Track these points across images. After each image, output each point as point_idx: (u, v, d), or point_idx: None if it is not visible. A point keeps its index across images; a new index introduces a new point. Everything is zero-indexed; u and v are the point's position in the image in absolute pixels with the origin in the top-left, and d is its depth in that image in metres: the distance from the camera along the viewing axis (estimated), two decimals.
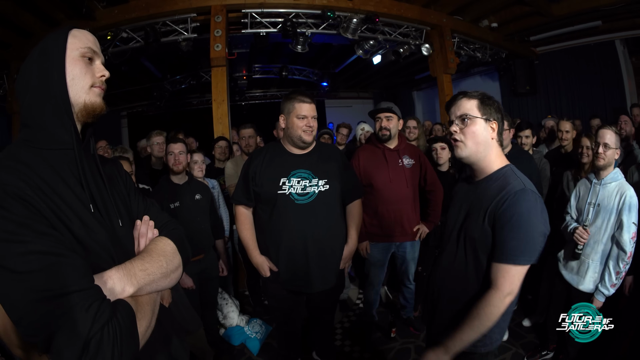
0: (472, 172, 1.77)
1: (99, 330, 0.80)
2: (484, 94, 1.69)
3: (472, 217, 1.63)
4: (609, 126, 2.69)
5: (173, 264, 1.12)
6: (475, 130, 1.62)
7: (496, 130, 1.65)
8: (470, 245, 1.61)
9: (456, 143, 1.67)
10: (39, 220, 0.87)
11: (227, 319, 3.73)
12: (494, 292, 1.48)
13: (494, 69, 8.85)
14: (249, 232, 2.58)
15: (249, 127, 4.15)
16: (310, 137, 2.43)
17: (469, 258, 1.63)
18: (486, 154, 1.65)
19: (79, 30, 1.08)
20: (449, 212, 1.87)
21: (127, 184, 1.25)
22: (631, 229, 2.47)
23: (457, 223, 1.74)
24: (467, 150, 1.64)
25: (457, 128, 1.66)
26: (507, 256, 1.47)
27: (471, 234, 1.60)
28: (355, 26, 5.75)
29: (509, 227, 1.46)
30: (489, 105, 1.64)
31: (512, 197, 1.48)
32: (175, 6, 5.20)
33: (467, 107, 1.64)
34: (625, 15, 6.56)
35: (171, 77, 9.51)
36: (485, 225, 1.54)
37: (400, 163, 3.25)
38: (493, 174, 1.65)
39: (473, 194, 1.69)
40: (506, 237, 1.47)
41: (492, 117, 1.64)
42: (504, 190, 1.53)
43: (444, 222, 1.98)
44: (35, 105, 1.00)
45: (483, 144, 1.63)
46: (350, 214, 2.71)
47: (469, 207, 1.68)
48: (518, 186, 1.51)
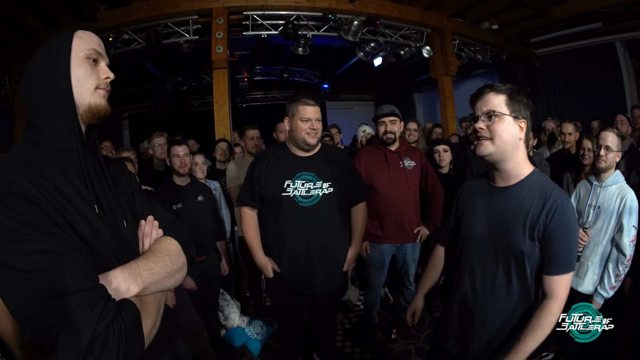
0: (494, 177, 1.64)
1: (104, 329, 0.80)
2: (513, 88, 1.56)
3: (512, 230, 1.52)
4: (611, 128, 2.69)
5: (178, 264, 1.12)
6: (504, 129, 1.50)
7: (524, 130, 1.54)
8: (516, 260, 1.52)
9: (481, 141, 1.54)
10: (45, 220, 0.87)
11: (228, 320, 3.73)
12: (554, 302, 1.47)
13: (495, 71, 8.83)
14: (254, 233, 2.59)
15: (255, 128, 4.15)
16: (314, 140, 2.44)
17: (514, 273, 1.54)
18: (513, 155, 1.54)
19: (84, 31, 1.08)
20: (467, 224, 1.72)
21: (131, 184, 1.25)
22: (631, 232, 2.48)
23: (483, 233, 1.62)
24: (493, 148, 1.51)
25: (484, 125, 1.53)
26: (563, 267, 1.46)
27: (516, 248, 1.50)
28: (356, 28, 5.75)
29: (563, 238, 1.44)
30: (518, 102, 1.53)
31: (561, 206, 1.45)
32: (176, 8, 5.22)
33: (495, 103, 1.52)
34: (625, 17, 6.57)
35: (172, 79, 9.50)
36: (527, 236, 1.48)
37: (401, 165, 3.26)
38: (525, 179, 1.56)
39: (503, 202, 1.58)
40: (560, 248, 1.45)
41: (521, 115, 1.52)
42: (547, 198, 1.47)
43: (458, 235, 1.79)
44: (40, 106, 1.01)
45: (511, 144, 1.52)
46: (354, 216, 2.72)
47: (502, 218, 1.57)
48: (560, 194, 1.49)
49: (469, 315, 1.66)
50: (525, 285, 1.54)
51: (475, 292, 1.64)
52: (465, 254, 1.70)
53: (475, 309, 1.64)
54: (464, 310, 1.68)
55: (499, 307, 1.58)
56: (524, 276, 1.53)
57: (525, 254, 1.49)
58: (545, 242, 1.46)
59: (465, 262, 1.70)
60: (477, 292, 1.63)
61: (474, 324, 1.64)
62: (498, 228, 1.57)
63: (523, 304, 1.56)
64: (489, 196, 1.65)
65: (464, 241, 1.72)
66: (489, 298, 1.59)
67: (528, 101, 1.56)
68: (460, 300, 1.70)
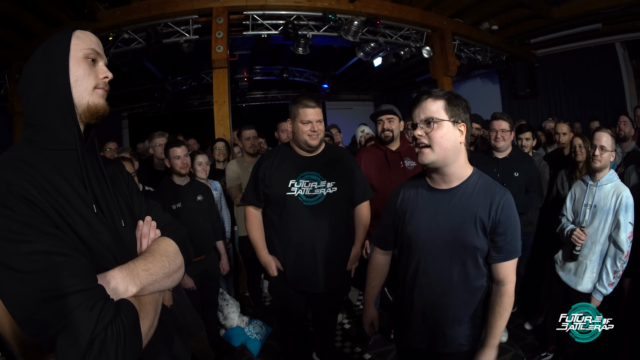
0: (435, 179, 1.66)
1: (102, 329, 0.81)
2: (450, 92, 1.57)
3: (463, 229, 1.58)
4: (605, 129, 2.72)
5: (175, 264, 1.12)
6: (443, 135, 1.50)
7: (464, 133, 1.55)
8: (471, 255, 1.61)
9: (422, 149, 1.55)
10: (44, 220, 0.87)
11: (227, 320, 3.74)
12: (509, 285, 1.62)
13: (495, 72, 8.84)
14: (258, 232, 2.62)
15: (251, 128, 4.16)
16: (316, 141, 2.45)
17: (470, 267, 1.63)
18: (455, 159, 1.56)
19: (83, 31, 1.08)
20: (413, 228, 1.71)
21: (129, 184, 1.26)
22: (628, 229, 2.51)
23: (433, 234, 1.65)
24: (434, 156, 1.52)
25: (423, 132, 1.53)
26: (512, 254, 1.60)
27: (470, 244, 1.58)
28: (356, 29, 5.75)
29: (510, 229, 1.56)
30: (456, 106, 1.53)
31: (506, 202, 1.55)
32: (176, 8, 5.21)
33: (433, 109, 1.52)
34: (625, 17, 6.57)
35: (172, 79, 9.49)
36: (480, 232, 1.57)
37: (401, 165, 3.26)
38: (468, 180, 1.61)
39: (449, 203, 1.62)
40: (508, 239, 1.56)
41: (460, 119, 1.53)
42: (493, 196, 1.56)
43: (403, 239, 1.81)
44: (39, 106, 1.01)
45: (452, 149, 1.53)
46: (358, 215, 2.73)
47: (451, 219, 1.60)
48: (502, 190, 1.58)
49: (430, 315, 1.72)
50: (480, 275, 1.65)
51: (432, 292, 1.69)
52: (415, 257, 1.72)
53: (436, 308, 1.70)
54: (424, 311, 1.73)
55: (458, 301, 1.67)
56: (477, 268, 1.63)
57: (478, 249, 1.59)
58: (495, 235, 1.57)
59: (416, 265, 1.72)
60: (435, 292, 1.69)
61: (436, 321, 1.71)
62: (447, 228, 1.61)
63: (479, 292, 1.68)
64: (431, 198, 1.68)
65: (410, 245, 1.74)
66: (447, 295, 1.67)
67: (467, 104, 1.58)
68: (419, 303, 1.74)
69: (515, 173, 3.24)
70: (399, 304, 1.90)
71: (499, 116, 3.30)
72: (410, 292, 1.76)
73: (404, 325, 1.85)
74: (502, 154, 3.33)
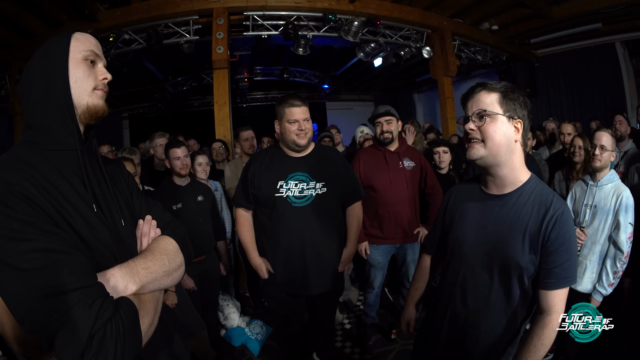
0: (488, 182, 1.51)
1: (101, 326, 0.81)
2: (507, 85, 1.42)
3: (509, 242, 1.40)
4: (605, 128, 2.72)
5: (175, 263, 1.13)
6: (496, 130, 1.37)
7: (521, 131, 1.40)
8: (514, 273, 1.40)
9: (471, 143, 1.41)
10: (44, 219, 0.88)
11: (228, 320, 3.74)
12: (555, 317, 1.39)
13: (495, 72, 8.85)
14: (249, 234, 2.59)
15: (248, 129, 4.17)
16: (304, 140, 2.43)
17: (513, 287, 1.42)
18: (508, 159, 1.40)
19: (82, 33, 1.09)
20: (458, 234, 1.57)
21: (129, 184, 1.26)
22: (628, 229, 2.50)
23: (476, 244, 1.49)
24: (485, 151, 1.38)
25: (474, 126, 1.40)
26: (563, 281, 1.37)
27: (515, 261, 1.39)
28: (357, 29, 5.76)
29: (563, 250, 1.35)
30: (513, 100, 1.39)
31: (562, 216, 1.35)
32: (177, 8, 5.23)
33: (487, 102, 1.38)
34: (625, 17, 6.58)
35: (173, 79, 9.52)
36: (527, 249, 1.38)
37: (400, 165, 3.25)
38: (523, 186, 1.44)
39: (499, 211, 1.46)
40: (560, 261, 1.35)
41: (516, 115, 1.39)
42: (547, 208, 1.37)
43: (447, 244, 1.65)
44: (38, 107, 1.02)
45: (505, 146, 1.38)
46: (350, 216, 2.71)
47: (498, 229, 1.44)
48: (561, 203, 1.39)
49: (460, 332, 1.55)
50: (523, 299, 1.45)
51: (466, 307, 1.52)
52: (455, 266, 1.58)
53: (467, 326, 1.53)
54: (455, 327, 1.57)
55: (492, 323, 1.48)
56: (522, 290, 1.43)
57: (523, 268, 1.39)
58: (545, 255, 1.36)
59: (455, 275, 1.57)
60: (469, 308, 1.52)
61: (464, 341, 1.54)
62: (494, 239, 1.45)
63: (518, 320, 1.47)
64: (482, 204, 1.53)
65: (453, 252, 1.60)
66: (482, 314, 1.49)
67: (525, 99, 1.43)
68: (452, 317, 1.58)
69: None
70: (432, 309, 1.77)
71: None
72: (444, 306, 1.61)
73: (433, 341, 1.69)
74: None
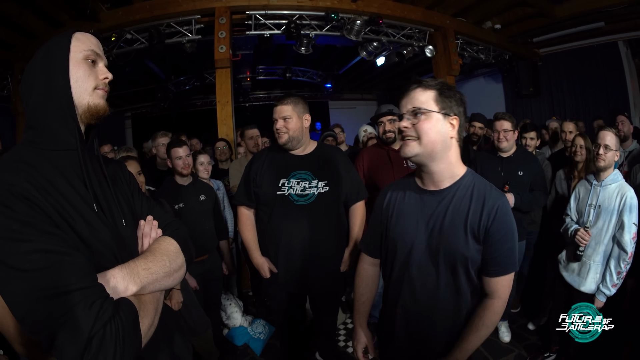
0: (424, 179, 1.53)
1: (101, 327, 0.81)
2: (443, 83, 1.44)
3: (453, 235, 1.43)
4: (610, 128, 2.69)
5: (176, 264, 1.12)
6: (431, 127, 1.38)
7: (456, 128, 1.42)
8: (461, 264, 1.44)
9: (406, 141, 1.43)
10: (44, 220, 0.88)
11: (230, 320, 3.74)
12: (498, 301, 1.45)
13: (497, 71, 8.81)
14: (250, 233, 2.59)
15: (254, 127, 4.17)
16: (282, 139, 2.41)
17: (461, 278, 1.46)
18: (444, 155, 1.43)
19: (82, 33, 1.09)
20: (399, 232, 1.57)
21: (130, 184, 1.26)
22: (632, 230, 2.49)
23: (419, 240, 1.50)
24: (420, 149, 1.40)
25: (409, 123, 1.41)
26: (505, 268, 1.43)
27: (460, 253, 1.42)
28: (359, 28, 5.75)
29: (504, 240, 1.40)
30: (449, 97, 1.40)
31: (501, 208, 1.39)
32: (179, 8, 5.23)
33: (422, 100, 1.39)
34: (628, 16, 6.54)
35: (175, 79, 9.54)
36: (470, 240, 1.42)
37: (405, 164, 3.24)
38: (460, 180, 1.47)
39: (438, 206, 1.48)
40: (501, 250, 1.41)
41: (452, 112, 1.40)
42: (486, 201, 1.41)
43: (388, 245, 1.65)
44: (39, 107, 1.02)
45: (440, 143, 1.40)
46: (352, 216, 2.70)
47: (439, 223, 1.46)
48: (499, 195, 1.43)
49: (415, 328, 1.57)
50: (471, 287, 1.50)
51: (417, 303, 1.54)
52: (400, 265, 1.58)
53: (421, 322, 1.55)
54: (408, 326, 1.59)
55: (446, 315, 1.51)
56: (469, 280, 1.48)
57: (469, 258, 1.43)
58: (487, 245, 1.41)
59: (401, 274, 1.57)
60: (420, 304, 1.53)
61: (422, 339, 1.56)
62: (436, 234, 1.47)
63: (468, 306, 1.52)
64: (420, 200, 1.54)
65: (395, 251, 1.59)
66: (434, 309, 1.51)
67: (461, 97, 1.45)
68: (403, 317, 1.59)
69: (519, 172, 3.21)
70: (382, 318, 1.78)
71: (500, 116, 3.27)
72: (393, 306, 1.62)
73: (386, 341, 1.72)
74: (507, 153, 3.30)
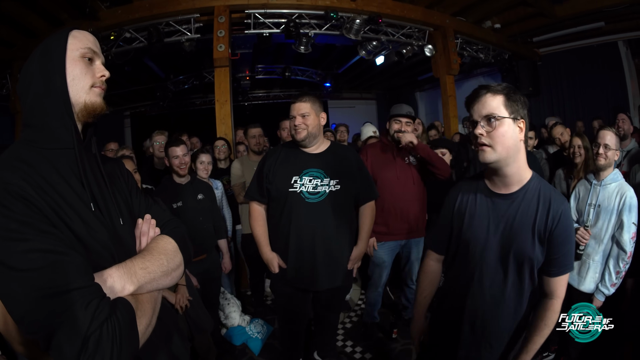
0: (495, 182, 1.59)
1: (97, 327, 0.81)
2: (509, 87, 1.47)
3: (522, 237, 1.50)
4: (609, 127, 2.70)
5: (174, 263, 1.12)
6: (505, 133, 1.41)
7: (524, 130, 1.46)
8: (528, 265, 1.52)
9: (482, 147, 1.45)
10: (40, 219, 0.88)
11: (228, 319, 3.74)
12: (557, 301, 1.56)
13: (497, 70, 8.82)
14: (262, 229, 2.60)
15: (257, 126, 4.17)
16: (300, 136, 2.44)
17: (526, 279, 1.55)
18: (515, 159, 1.47)
19: (79, 31, 1.09)
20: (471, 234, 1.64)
21: (128, 182, 1.25)
22: (631, 229, 2.49)
23: (491, 241, 1.58)
24: (496, 155, 1.44)
25: (484, 131, 1.44)
26: (564, 268, 1.53)
27: (527, 254, 1.50)
28: (358, 27, 5.75)
29: (565, 242, 1.49)
30: (515, 102, 1.43)
31: (564, 213, 1.48)
32: (178, 7, 5.22)
33: (493, 106, 1.42)
34: (628, 16, 6.54)
35: (174, 78, 9.53)
36: (536, 242, 1.49)
37: (407, 161, 3.25)
38: (527, 184, 1.53)
39: (509, 209, 1.54)
40: (562, 252, 1.49)
41: (519, 115, 1.44)
42: (551, 205, 1.48)
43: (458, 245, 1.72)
44: (36, 106, 1.01)
45: (513, 148, 1.44)
46: (363, 215, 2.72)
47: (510, 226, 1.53)
48: (562, 200, 1.51)
49: (480, 326, 1.65)
50: (532, 287, 1.59)
51: (485, 302, 1.62)
52: (471, 264, 1.64)
53: (486, 319, 1.63)
54: (475, 322, 1.66)
55: (509, 312, 1.60)
56: (531, 279, 1.57)
57: (534, 259, 1.51)
58: (550, 247, 1.49)
59: (471, 272, 1.64)
60: (487, 302, 1.61)
61: (485, 333, 1.64)
62: (507, 236, 1.54)
63: (524, 307, 1.61)
64: (491, 203, 1.60)
65: (466, 251, 1.66)
66: (500, 306, 1.60)
67: (524, 99, 1.48)
68: (471, 313, 1.66)
69: None
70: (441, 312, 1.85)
71: None
72: (462, 301, 1.67)
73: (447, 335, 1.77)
74: None
